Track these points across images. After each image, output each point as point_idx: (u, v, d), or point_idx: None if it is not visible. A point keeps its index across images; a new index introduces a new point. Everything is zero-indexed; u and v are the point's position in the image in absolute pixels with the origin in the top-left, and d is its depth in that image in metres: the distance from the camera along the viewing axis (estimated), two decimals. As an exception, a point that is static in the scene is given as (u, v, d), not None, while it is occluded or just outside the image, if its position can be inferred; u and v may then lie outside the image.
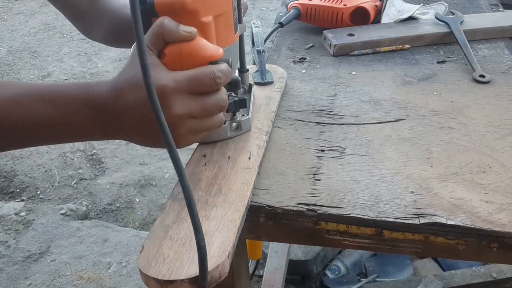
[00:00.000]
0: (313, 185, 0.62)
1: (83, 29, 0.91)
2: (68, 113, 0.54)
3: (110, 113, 0.53)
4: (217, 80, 0.54)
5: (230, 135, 0.68)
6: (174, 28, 0.53)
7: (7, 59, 3.56)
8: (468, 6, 1.21)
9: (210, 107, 0.54)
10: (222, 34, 0.60)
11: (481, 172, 0.63)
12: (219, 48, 0.56)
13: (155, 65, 0.52)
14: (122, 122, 0.53)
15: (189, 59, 0.54)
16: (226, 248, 0.50)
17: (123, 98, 0.52)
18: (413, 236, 0.57)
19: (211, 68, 0.54)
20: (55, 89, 0.55)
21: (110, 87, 0.53)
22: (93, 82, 0.55)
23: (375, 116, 0.76)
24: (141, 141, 0.56)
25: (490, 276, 1.55)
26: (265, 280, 1.45)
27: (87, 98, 0.54)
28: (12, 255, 1.82)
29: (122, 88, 0.53)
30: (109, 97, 0.53)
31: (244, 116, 0.69)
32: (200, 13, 0.55)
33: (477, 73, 0.86)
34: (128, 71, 0.53)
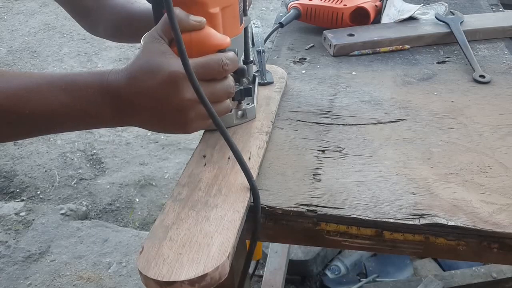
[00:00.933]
0: (313, 185, 0.62)
1: (89, 26, 0.93)
2: (84, 100, 0.56)
3: (124, 99, 0.55)
4: (225, 67, 0.56)
5: (236, 123, 0.70)
6: (185, 18, 0.56)
7: (7, 59, 3.55)
8: (468, 6, 1.21)
9: (218, 93, 0.57)
10: (228, 25, 0.63)
11: (482, 173, 0.63)
12: (226, 37, 0.59)
13: (167, 53, 0.55)
14: (135, 108, 0.56)
15: (198, 47, 0.56)
16: (226, 249, 0.49)
17: (136, 85, 0.54)
18: (413, 237, 0.57)
19: (219, 56, 0.56)
20: (71, 77, 0.57)
21: (124, 74, 0.56)
22: (107, 70, 0.57)
23: (375, 116, 0.76)
24: (154, 126, 0.58)
25: (490, 276, 1.55)
26: (265, 280, 1.45)
27: (102, 85, 0.56)
28: (12, 255, 1.82)
29: (135, 75, 0.55)
30: (122, 84, 0.55)
31: (249, 104, 0.72)
32: (209, 5, 0.59)
33: (477, 73, 0.86)
34: (140, 59, 0.55)
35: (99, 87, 0.56)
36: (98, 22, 0.91)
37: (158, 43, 0.56)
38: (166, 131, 0.59)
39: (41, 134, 0.62)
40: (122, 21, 0.88)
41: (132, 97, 0.55)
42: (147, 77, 0.54)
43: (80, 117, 0.57)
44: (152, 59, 0.54)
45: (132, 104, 0.56)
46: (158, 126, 0.58)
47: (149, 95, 0.54)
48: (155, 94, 0.54)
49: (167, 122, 0.57)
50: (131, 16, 0.87)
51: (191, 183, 0.60)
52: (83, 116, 0.57)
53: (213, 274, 0.47)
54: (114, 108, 0.56)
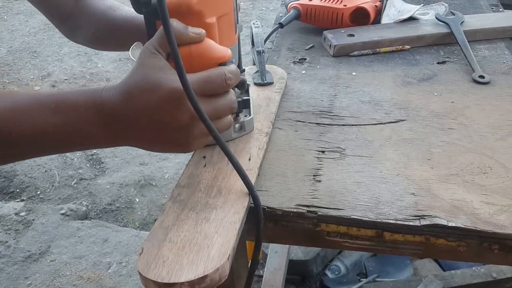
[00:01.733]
0: (313, 186, 0.62)
1: (68, 32, 0.88)
2: (75, 120, 0.52)
3: (119, 118, 0.52)
4: (228, 81, 0.54)
5: (234, 136, 0.68)
6: (183, 30, 0.53)
7: (7, 59, 3.55)
8: (469, 6, 1.20)
9: (221, 109, 0.55)
10: (225, 35, 0.60)
11: (482, 174, 0.63)
12: (227, 49, 0.56)
13: (165, 68, 0.52)
14: (132, 127, 0.53)
15: (199, 61, 0.54)
16: (226, 250, 0.49)
17: (133, 102, 0.51)
18: (414, 237, 0.57)
19: (221, 70, 0.54)
20: (61, 96, 0.53)
21: (119, 91, 0.52)
22: (100, 87, 0.54)
23: (375, 117, 0.76)
24: (153, 146, 0.55)
25: (490, 276, 1.55)
26: (265, 280, 1.45)
27: (95, 104, 0.52)
28: (12, 255, 1.82)
29: (131, 92, 0.52)
30: (117, 102, 0.52)
31: (247, 116, 0.69)
32: (205, 14, 0.56)
33: (477, 73, 0.86)
34: (136, 75, 0.52)
35: (91, 105, 0.52)
36: (77, 28, 0.86)
37: (155, 58, 0.52)
38: (166, 150, 0.56)
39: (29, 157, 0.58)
40: (103, 28, 0.83)
41: (128, 116, 0.52)
42: (145, 94, 0.51)
43: (72, 138, 0.54)
44: (150, 75, 0.51)
45: (128, 123, 0.52)
46: (157, 146, 0.56)
47: (147, 114, 0.51)
48: (154, 112, 0.51)
49: (167, 142, 0.54)
50: (113, 24, 0.82)
51: (191, 184, 0.60)
52: (75, 137, 0.54)
53: (213, 275, 0.47)
54: (109, 128, 0.53)
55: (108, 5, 0.83)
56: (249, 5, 4.46)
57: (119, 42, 0.83)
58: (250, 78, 0.84)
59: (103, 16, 0.83)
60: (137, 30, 0.77)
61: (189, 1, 0.54)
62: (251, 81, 0.83)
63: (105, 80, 3.23)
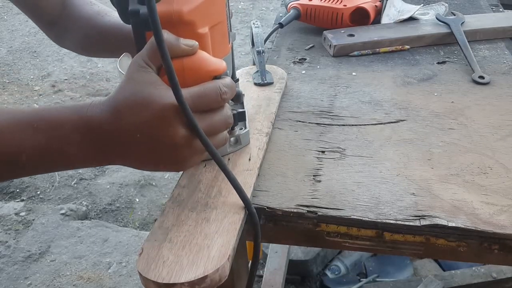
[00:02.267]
0: (313, 186, 0.62)
1: (55, 37, 0.85)
2: (59, 140, 0.49)
3: (107, 137, 0.49)
4: (223, 95, 0.51)
5: (230, 151, 0.65)
6: (175, 42, 0.49)
7: (7, 59, 3.55)
8: (469, 6, 1.20)
9: (216, 124, 0.52)
10: (218, 45, 0.57)
11: (482, 174, 0.63)
12: (221, 61, 0.53)
13: (156, 83, 0.49)
14: (121, 146, 0.50)
15: (192, 74, 0.51)
16: (226, 251, 0.49)
17: (122, 120, 0.48)
18: (414, 238, 0.57)
19: (216, 83, 0.51)
20: (44, 114, 0.50)
21: (107, 108, 0.49)
22: (86, 104, 0.50)
23: (376, 117, 0.76)
24: (144, 165, 0.53)
25: (490, 276, 1.55)
26: (265, 280, 1.45)
27: (81, 121, 0.49)
28: (12, 255, 1.82)
29: (120, 109, 0.48)
30: (105, 119, 0.49)
31: (242, 129, 0.66)
32: (197, 24, 0.52)
33: (477, 74, 0.86)
34: (126, 90, 0.49)
35: (77, 123, 0.49)
36: (65, 34, 0.83)
37: (145, 72, 0.49)
38: (159, 170, 0.53)
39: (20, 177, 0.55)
40: (91, 35, 0.80)
41: (117, 134, 0.49)
42: (135, 111, 0.48)
43: (57, 158, 0.51)
44: (140, 91, 0.48)
45: (117, 142, 0.49)
46: (149, 165, 0.53)
47: (138, 132, 0.48)
48: (145, 130, 0.48)
49: (160, 161, 0.51)
50: (101, 30, 0.79)
51: (190, 184, 0.60)
52: (60, 157, 0.51)
53: (213, 276, 0.47)
54: (96, 147, 0.50)
55: (96, 11, 0.80)
56: (249, 5, 4.46)
57: (108, 49, 0.81)
58: (250, 78, 0.84)
59: (91, 22, 0.80)
60: (126, 37, 0.74)
61: (180, 11, 0.50)
62: (251, 81, 0.83)
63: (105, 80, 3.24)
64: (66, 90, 3.12)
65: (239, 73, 0.86)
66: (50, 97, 3.02)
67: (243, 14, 4.26)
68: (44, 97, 3.02)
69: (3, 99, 3.00)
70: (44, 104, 2.92)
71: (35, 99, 3.00)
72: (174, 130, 0.48)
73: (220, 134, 0.54)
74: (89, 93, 3.06)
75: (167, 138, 0.48)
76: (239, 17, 4.21)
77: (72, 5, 0.81)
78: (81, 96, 3.04)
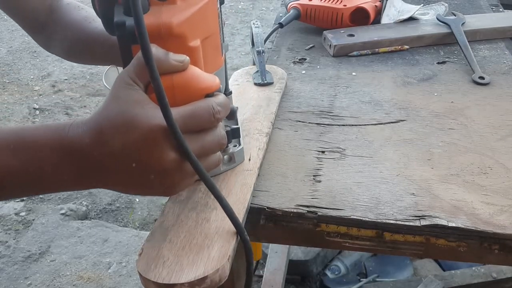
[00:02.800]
0: (313, 186, 0.62)
1: (43, 42, 0.82)
2: (37, 162, 0.46)
3: (90, 161, 0.46)
4: (216, 115, 0.47)
5: (223, 170, 0.61)
6: (163, 57, 0.45)
7: (7, 59, 3.55)
8: (469, 6, 1.20)
9: (209, 146, 0.48)
10: (210, 58, 0.53)
11: (482, 174, 0.63)
12: (214, 77, 0.49)
13: (143, 102, 0.45)
14: (105, 170, 0.46)
15: (182, 93, 0.47)
16: (226, 251, 0.49)
17: (106, 143, 0.45)
18: (414, 238, 0.57)
19: (209, 102, 0.47)
20: (22, 135, 0.47)
21: (89, 129, 0.45)
22: (67, 124, 0.47)
23: (376, 117, 0.76)
24: (131, 190, 0.50)
25: (490, 276, 1.55)
26: (265, 280, 1.45)
27: (61, 143, 0.46)
28: (12, 255, 1.82)
29: (104, 131, 0.45)
30: (88, 142, 0.45)
31: (236, 146, 0.62)
32: (188, 37, 0.48)
33: (477, 74, 0.86)
34: (110, 110, 0.45)
35: (57, 146, 0.46)
36: (53, 39, 0.79)
37: (131, 90, 0.45)
38: (147, 194, 0.50)
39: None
40: (77, 41, 0.77)
41: (100, 158, 0.45)
42: (120, 132, 0.44)
43: (34, 182, 0.47)
44: (126, 110, 0.44)
45: (100, 166, 0.46)
46: (136, 190, 0.49)
47: (124, 156, 0.45)
48: (131, 154, 0.44)
49: (148, 186, 0.47)
50: (88, 37, 0.75)
51: (191, 184, 0.60)
52: (39, 181, 0.47)
53: (213, 276, 0.47)
54: (78, 171, 0.46)
55: (83, 16, 0.77)
56: (249, 5, 4.46)
57: (94, 57, 0.78)
58: (250, 78, 0.84)
59: (78, 28, 0.76)
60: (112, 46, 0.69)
61: (170, 23, 0.46)
62: (251, 81, 0.83)
63: (105, 80, 3.23)
64: (66, 90, 3.12)
65: (239, 73, 0.86)
66: (50, 97, 3.02)
67: (243, 14, 4.26)
68: (44, 97, 3.02)
69: (3, 99, 3.00)
70: (29, 123, 2.92)
71: (35, 99, 3.00)
72: (163, 154, 0.44)
73: (213, 155, 0.50)
74: (89, 93, 3.06)
75: (155, 162, 0.45)
76: (239, 17, 4.22)
77: (60, 10, 0.78)
78: (81, 96, 3.04)
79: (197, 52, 0.50)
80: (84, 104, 2.95)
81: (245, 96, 0.79)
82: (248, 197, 0.57)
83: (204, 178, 0.46)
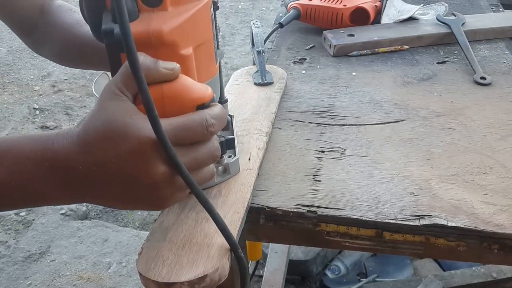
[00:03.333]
0: (313, 186, 0.62)
1: (32, 45, 0.81)
2: (21, 175, 0.44)
3: (75, 174, 0.43)
4: (210, 128, 0.45)
5: (217, 181, 0.59)
6: (153, 66, 0.43)
7: (7, 59, 3.55)
8: (468, 6, 1.21)
9: (202, 159, 0.46)
10: (203, 67, 0.51)
11: (482, 173, 0.63)
12: (207, 88, 0.47)
13: (131, 112, 0.43)
14: (92, 184, 0.44)
15: (173, 103, 0.45)
16: (226, 250, 0.49)
17: (93, 155, 0.43)
18: (413, 237, 0.57)
19: (202, 115, 0.45)
20: (5, 146, 0.45)
21: (76, 140, 0.43)
22: (53, 134, 0.45)
23: (375, 117, 0.76)
24: (119, 204, 0.47)
25: (490, 276, 1.55)
26: (265, 280, 1.45)
27: (45, 155, 0.44)
28: (12, 255, 1.82)
29: (90, 142, 0.43)
30: (73, 154, 0.43)
31: (231, 157, 0.60)
32: (180, 45, 0.46)
33: (478, 75, 0.86)
34: (96, 120, 0.43)
35: (41, 158, 0.44)
36: (43, 42, 0.78)
37: (118, 101, 0.43)
38: (136, 209, 0.48)
39: None
40: (69, 45, 0.75)
41: (87, 172, 0.43)
42: (108, 145, 0.42)
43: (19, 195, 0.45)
44: (113, 122, 0.42)
45: (87, 180, 0.44)
46: (124, 204, 0.47)
47: (111, 169, 0.43)
48: (119, 167, 0.42)
49: (137, 201, 0.46)
50: (79, 41, 0.73)
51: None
52: (22, 195, 0.45)
53: (213, 275, 0.47)
54: (63, 185, 0.44)
55: (75, 20, 0.75)
56: (249, 5, 4.46)
57: (85, 61, 0.77)
58: (250, 78, 0.84)
59: (69, 32, 0.74)
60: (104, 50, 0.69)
61: (160, 30, 0.44)
62: (251, 81, 0.83)
63: (105, 80, 3.23)
64: (66, 90, 3.12)
65: (239, 73, 0.87)
66: (50, 97, 3.02)
67: (243, 14, 4.27)
68: (44, 97, 3.02)
69: (3, 99, 3.00)
70: (15, 134, 2.92)
71: (35, 99, 3.00)
72: (152, 167, 0.42)
73: (206, 168, 0.48)
74: (89, 93, 3.06)
75: (145, 176, 0.43)
76: (239, 17, 4.22)
77: (51, 13, 0.76)
78: (81, 96, 3.04)
79: (189, 60, 0.48)
80: (84, 104, 2.95)
81: (245, 96, 0.79)
82: (248, 196, 0.57)
83: (196, 193, 0.44)
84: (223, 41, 3.76)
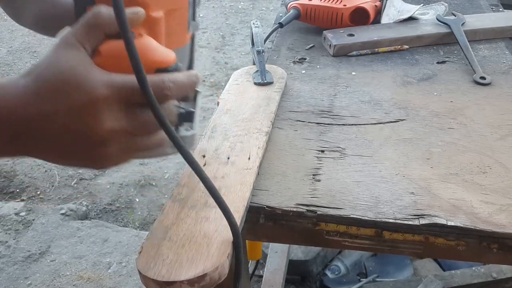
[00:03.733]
0: (313, 186, 0.62)
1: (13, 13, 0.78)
2: None
3: (21, 125, 0.41)
4: (165, 91, 0.44)
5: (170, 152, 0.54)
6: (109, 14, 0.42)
7: (7, 59, 3.56)
8: (468, 6, 1.21)
9: (152, 124, 0.44)
10: (174, 34, 0.50)
11: (482, 173, 0.63)
12: (170, 52, 0.46)
13: (84, 63, 0.41)
14: (37, 135, 0.42)
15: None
16: (225, 249, 0.49)
17: (40, 105, 0.41)
18: (413, 237, 0.57)
19: (160, 77, 0.44)
20: None
21: (22, 89, 0.41)
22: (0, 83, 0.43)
23: (375, 116, 0.76)
24: (60, 159, 0.45)
25: (490, 276, 1.55)
26: (265, 280, 1.45)
27: None
28: (12, 255, 1.82)
29: (41, 93, 0.41)
30: (20, 102, 0.41)
31: (188, 130, 0.56)
32: (150, 6, 0.45)
33: (478, 75, 0.86)
34: (47, 69, 0.41)
35: None
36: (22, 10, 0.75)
37: (74, 50, 0.42)
38: (78, 166, 0.46)
39: None
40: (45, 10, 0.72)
41: (32, 122, 0.41)
42: (59, 96, 0.40)
43: None
44: (65, 72, 0.41)
45: (31, 130, 0.41)
46: (66, 160, 0.45)
47: (58, 121, 0.41)
48: (66, 120, 0.41)
49: (80, 156, 0.44)
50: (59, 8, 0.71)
51: (190, 183, 0.60)
52: None
53: (213, 274, 0.47)
54: (6, 136, 0.42)
55: None
56: (249, 5, 4.47)
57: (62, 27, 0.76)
58: (250, 78, 0.84)
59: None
60: None
61: None
62: (251, 80, 0.83)
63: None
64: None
65: (239, 73, 0.87)
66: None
67: (243, 14, 4.27)
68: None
69: (3, 99, 3.00)
70: None
71: (35, 99, 3.00)
72: (101, 123, 0.41)
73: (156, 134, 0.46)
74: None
75: (90, 131, 0.41)
76: (239, 17, 4.22)
77: None
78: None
79: (158, 24, 0.47)
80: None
81: (245, 96, 0.79)
82: (248, 195, 0.57)
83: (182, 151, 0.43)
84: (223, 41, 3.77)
